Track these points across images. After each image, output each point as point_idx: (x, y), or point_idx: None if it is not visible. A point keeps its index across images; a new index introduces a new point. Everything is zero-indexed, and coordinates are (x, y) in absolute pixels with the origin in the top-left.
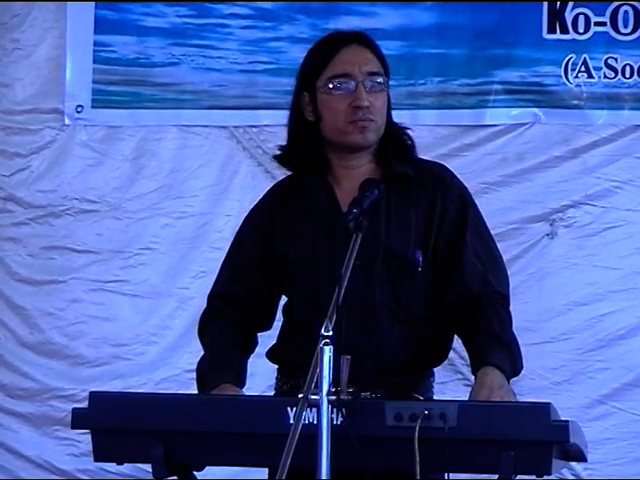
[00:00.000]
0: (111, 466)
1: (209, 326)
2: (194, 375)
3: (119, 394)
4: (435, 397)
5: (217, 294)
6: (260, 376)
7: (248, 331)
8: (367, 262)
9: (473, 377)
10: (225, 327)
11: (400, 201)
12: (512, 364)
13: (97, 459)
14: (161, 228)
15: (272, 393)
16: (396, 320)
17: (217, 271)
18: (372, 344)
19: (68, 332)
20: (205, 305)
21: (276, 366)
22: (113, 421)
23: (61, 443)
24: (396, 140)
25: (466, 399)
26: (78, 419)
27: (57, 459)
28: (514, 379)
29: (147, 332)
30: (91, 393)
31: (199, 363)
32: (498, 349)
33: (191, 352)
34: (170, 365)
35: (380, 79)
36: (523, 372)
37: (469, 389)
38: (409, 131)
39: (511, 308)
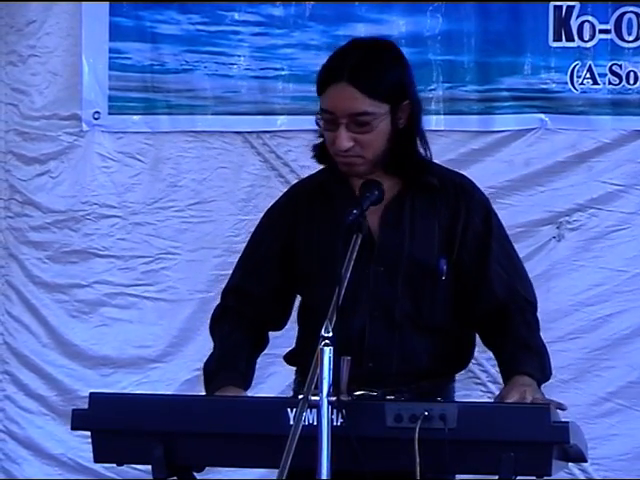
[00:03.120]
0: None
1: (220, 324)
2: None
3: (119, 395)
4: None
5: (232, 290)
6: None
7: (259, 330)
8: (390, 270)
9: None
10: (236, 326)
11: (424, 210)
12: (542, 371)
13: (97, 460)
14: (181, 233)
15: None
16: (417, 328)
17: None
18: (395, 349)
19: (91, 335)
20: (219, 301)
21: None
22: (113, 422)
23: (85, 441)
24: (408, 159)
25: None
26: (78, 420)
27: (83, 457)
28: None
29: (170, 334)
30: (91, 394)
31: (206, 362)
32: (528, 357)
33: None
34: (193, 366)
35: (367, 117)
36: None
37: (480, 387)
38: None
39: None
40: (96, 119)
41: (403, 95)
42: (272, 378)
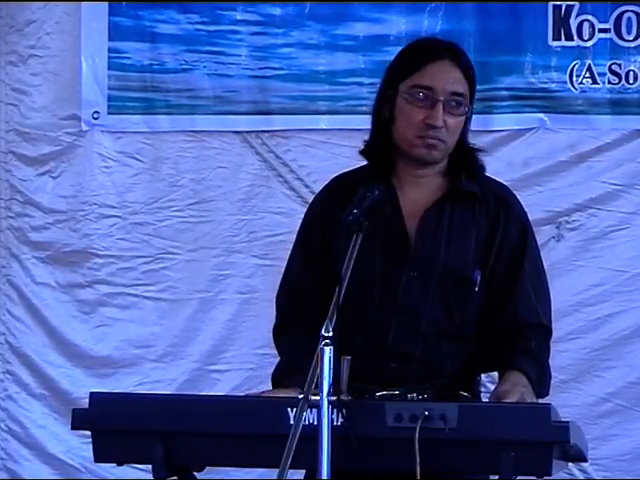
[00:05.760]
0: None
1: (282, 334)
2: (219, 375)
3: (119, 395)
4: None
5: (287, 293)
6: None
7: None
8: (423, 275)
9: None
10: (299, 332)
11: (463, 218)
12: (539, 380)
13: (97, 460)
14: (180, 232)
15: None
16: (445, 336)
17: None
18: (418, 352)
19: (92, 335)
20: (275, 306)
21: None
22: (113, 422)
23: (88, 441)
24: (467, 159)
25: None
26: (78, 420)
27: (85, 457)
28: None
29: (170, 334)
30: (91, 394)
31: (274, 370)
32: (529, 362)
33: (214, 353)
34: (193, 366)
35: (462, 100)
36: None
37: (480, 387)
38: (481, 153)
39: None
40: (95, 119)
41: (474, 95)
42: None
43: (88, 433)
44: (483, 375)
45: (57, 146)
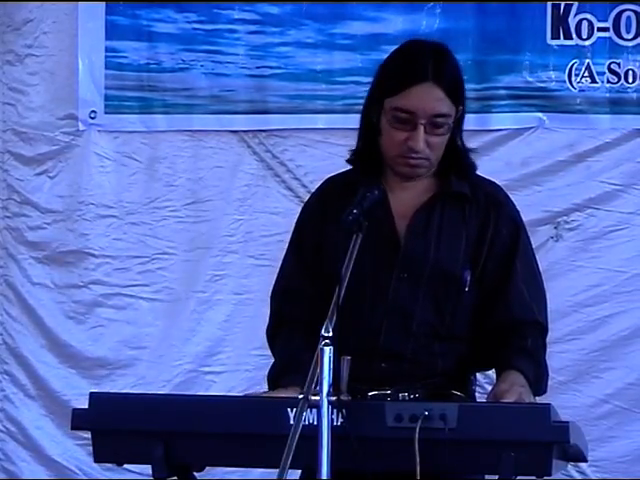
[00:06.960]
0: (133, 465)
1: (278, 334)
2: (213, 377)
3: (119, 395)
4: None
5: (282, 292)
6: None
7: (317, 330)
8: (413, 276)
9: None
10: (294, 331)
11: (453, 218)
12: (536, 379)
13: (97, 460)
14: (176, 233)
15: None
16: (436, 337)
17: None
18: (409, 352)
19: (88, 336)
20: (269, 306)
21: None
22: (113, 422)
23: (84, 443)
24: (457, 160)
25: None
26: (78, 420)
27: (80, 460)
28: None
29: (167, 335)
30: (91, 394)
31: (269, 371)
32: (525, 360)
33: (210, 354)
34: (189, 367)
35: (444, 120)
36: None
37: (478, 388)
38: (473, 153)
39: None
40: (92, 118)
41: (463, 100)
42: None
43: (84, 435)
44: (481, 376)
45: (54, 146)
